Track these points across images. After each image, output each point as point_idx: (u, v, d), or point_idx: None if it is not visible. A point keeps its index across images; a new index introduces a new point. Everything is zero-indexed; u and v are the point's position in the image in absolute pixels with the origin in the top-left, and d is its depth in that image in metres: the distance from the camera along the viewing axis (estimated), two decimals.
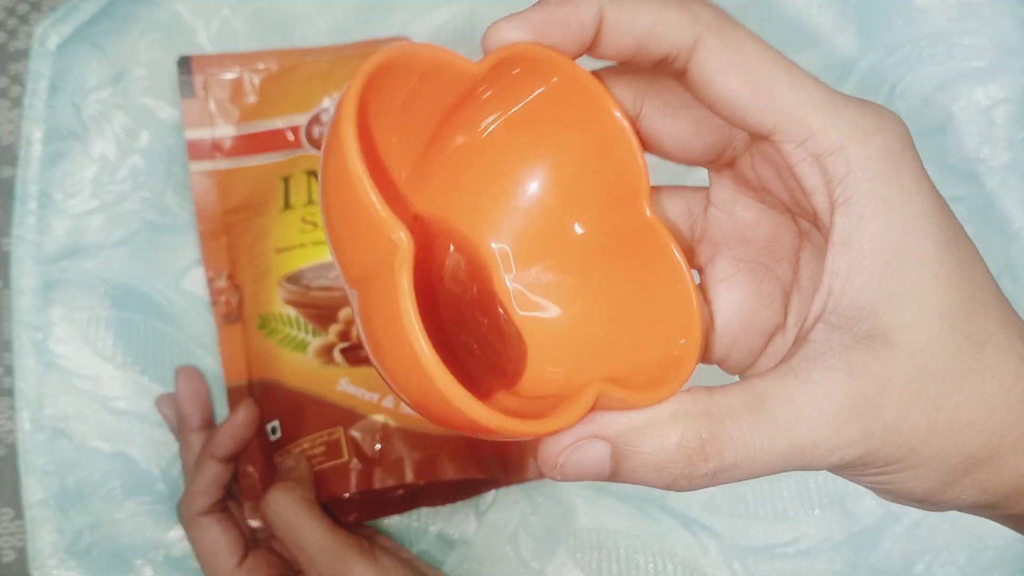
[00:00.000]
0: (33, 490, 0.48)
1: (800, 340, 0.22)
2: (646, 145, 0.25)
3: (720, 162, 0.26)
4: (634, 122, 0.24)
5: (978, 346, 0.21)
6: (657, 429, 0.21)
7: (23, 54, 0.54)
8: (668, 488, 0.21)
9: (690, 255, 0.27)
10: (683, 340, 0.23)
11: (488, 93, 0.24)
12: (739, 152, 0.25)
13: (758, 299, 0.26)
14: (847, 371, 0.21)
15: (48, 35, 0.51)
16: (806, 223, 0.25)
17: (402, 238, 0.20)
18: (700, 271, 0.27)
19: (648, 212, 0.24)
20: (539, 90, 0.24)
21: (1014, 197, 0.49)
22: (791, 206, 0.25)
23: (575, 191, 0.26)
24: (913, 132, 0.22)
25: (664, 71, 0.23)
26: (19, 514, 0.49)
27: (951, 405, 0.21)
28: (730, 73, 0.21)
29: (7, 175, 0.53)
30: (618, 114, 0.24)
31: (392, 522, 0.49)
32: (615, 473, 0.21)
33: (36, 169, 0.50)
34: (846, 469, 0.22)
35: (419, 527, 0.49)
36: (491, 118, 0.25)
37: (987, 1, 0.51)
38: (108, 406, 0.49)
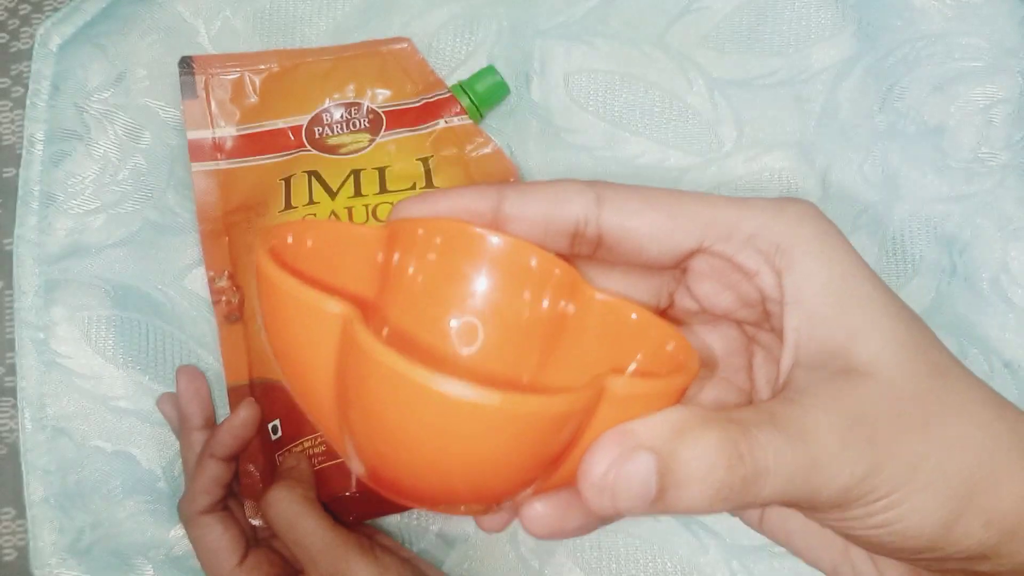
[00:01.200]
0: (34, 489, 0.48)
1: (783, 385, 0.23)
2: (603, 254, 0.26)
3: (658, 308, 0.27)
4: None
5: (942, 373, 0.22)
6: (695, 431, 0.21)
7: (25, 55, 0.54)
8: (711, 506, 0.21)
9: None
10: (670, 345, 0.24)
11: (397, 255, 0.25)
12: (673, 289, 0.27)
13: (733, 346, 0.28)
14: (836, 397, 0.22)
15: (50, 36, 0.51)
16: (751, 328, 0.27)
17: (337, 307, 0.19)
18: None
19: (597, 295, 0.25)
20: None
21: (1012, 197, 0.49)
22: (736, 307, 0.26)
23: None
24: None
25: (581, 248, 0.25)
26: (20, 513, 0.49)
27: (938, 423, 0.22)
28: (641, 212, 0.23)
29: (9, 175, 0.53)
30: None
31: (392, 521, 0.49)
32: (661, 492, 0.20)
33: (38, 169, 0.50)
34: (855, 500, 0.22)
35: (419, 526, 0.49)
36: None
37: (985, 1, 0.51)
38: (109, 405, 0.49)
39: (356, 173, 0.48)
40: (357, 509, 0.46)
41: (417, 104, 0.50)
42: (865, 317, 0.22)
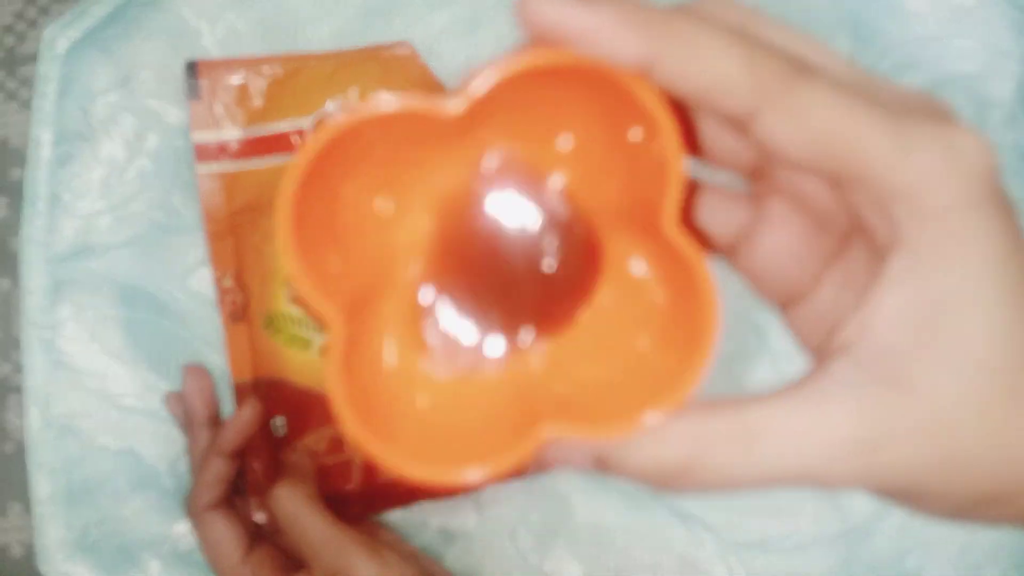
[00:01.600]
0: (41, 486, 0.49)
1: (819, 368, 0.21)
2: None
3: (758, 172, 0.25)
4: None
5: (1016, 399, 0.20)
6: (640, 447, 0.21)
7: (32, 58, 0.55)
8: (652, 491, 0.21)
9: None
10: (683, 371, 0.21)
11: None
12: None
13: (800, 253, 0.25)
14: (857, 412, 0.20)
15: (56, 39, 0.52)
16: None
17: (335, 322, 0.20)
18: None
19: (671, 228, 0.21)
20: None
21: None
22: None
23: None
24: None
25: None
26: (27, 509, 0.50)
27: (965, 454, 0.21)
28: (791, 143, 0.20)
29: (16, 177, 0.54)
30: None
31: (394, 516, 0.49)
32: (601, 470, 0.21)
33: (45, 171, 0.51)
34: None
35: (420, 521, 0.49)
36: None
37: (978, 4, 0.52)
38: (116, 403, 0.49)
39: None
40: (359, 505, 0.47)
41: None
42: (956, 331, 0.20)
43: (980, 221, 0.20)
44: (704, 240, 0.25)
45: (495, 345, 0.24)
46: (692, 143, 0.24)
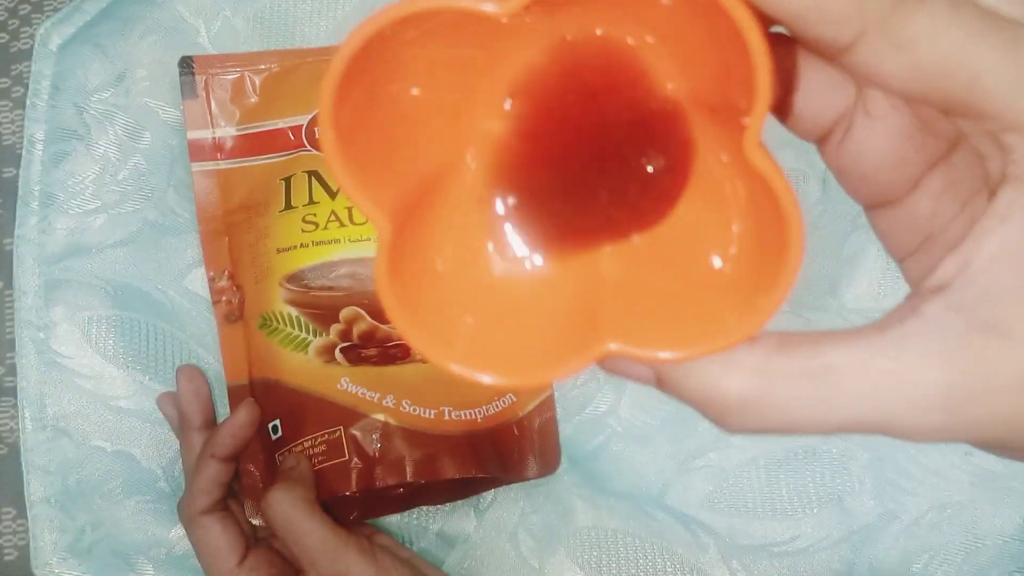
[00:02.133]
0: (35, 489, 0.48)
1: (908, 309, 0.19)
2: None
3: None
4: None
5: None
6: (703, 370, 0.19)
7: (25, 55, 0.54)
8: (712, 423, 0.20)
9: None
10: (760, 299, 0.19)
11: None
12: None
13: (900, 155, 0.22)
14: (948, 362, 0.19)
15: (50, 36, 0.51)
16: None
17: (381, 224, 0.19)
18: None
19: (753, 153, 0.19)
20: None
21: None
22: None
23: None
24: None
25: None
26: (21, 513, 0.49)
27: None
28: (895, 76, 0.18)
29: (9, 175, 0.53)
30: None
31: (392, 520, 0.49)
32: (662, 390, 0.20)
33: (38, 169, 0.50)
34: None
35: (419, 526, 0.49)
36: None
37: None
38: (110, 405, 0.49)
39: None
40: (357, 509, 0.47)
41: None
42: None
43: None
44: (795, 123, 0.23)
45: (564, 246, 0.22)
46: (787, 81, 0.22)
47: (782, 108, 0.22)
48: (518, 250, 0.22)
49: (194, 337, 0.50)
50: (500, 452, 0.47)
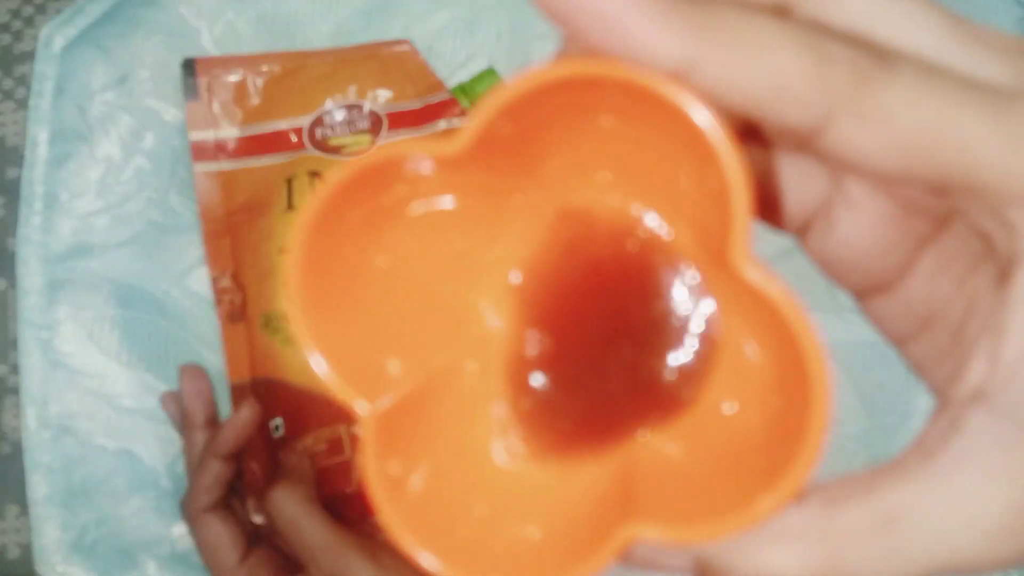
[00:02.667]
0: (38, 487, 0.48)
1: (950, 426, 0.17)
2: None
3: None
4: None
5: None
6: (751, 553, 0.17)
7: (28, 56, 0.54)
8: None
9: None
10: (790, 460, 0.17)
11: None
12: None
13: (885, 241, 0.21)
14: (1012, 477, 0.16)
15: (53, 37, 0.52)
16: None
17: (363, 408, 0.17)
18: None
19: (746, 265, 0.16)
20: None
21: None
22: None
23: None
24: None
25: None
26: (24, 511, 0.50)
27: None
28: (871, 156, 0.16)
29: (13, 176, 0.53)
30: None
31: None
32: None
33: (42, 170, 0.51)
34: None
35: None
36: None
37: (984, 1, 0.52)
38: (113, 404, 0.49)
39: None
40: (358, 507, 0.47)
41: (418, 106, 0.50)
42: None
43: None
44: (779, 220, 0.21)
45: (580, 446, 0.20)
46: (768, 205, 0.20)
47: (769, 211, 0.20)
48: (532, 453, 0.20)
49: (197, 336, 0.50)
50: None
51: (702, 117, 0.15)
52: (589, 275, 0.20)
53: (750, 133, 0.18)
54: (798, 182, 0.20)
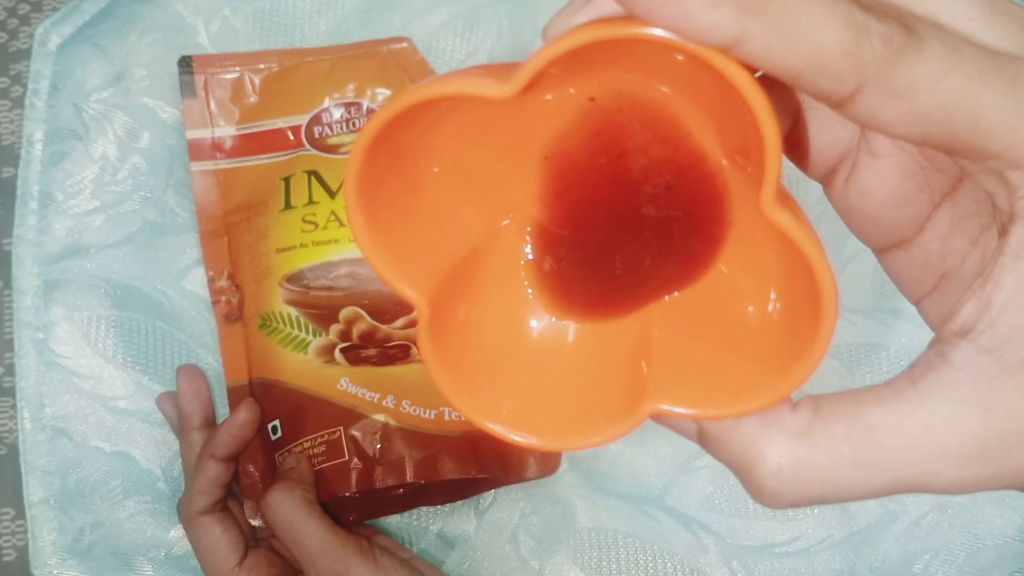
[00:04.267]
0: (34, 489, 0.48)
1: (937, 357, 0.19)
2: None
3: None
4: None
5: None
6: (742, 434, 0.19)
7: (24, 54, 0.54)
8: (748, 493, 0.20)
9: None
10: (795, 364, 0.19)
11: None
12: None
13: (904, 192, 0.23)
14: (986, 408, 0.18)
15: (49, 35, 0.51)
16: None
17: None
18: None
19: (773, 207, 0.19)
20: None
21: None
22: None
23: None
24: None
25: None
26: (20, 513, 0.49)
27: None
28: (894, 124, 0.18)
29: (8, 175, 0.53)
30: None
31: (392, 521, 0.49)
32: (703, 447, 0.21)
33: (37, 169, 0.50)
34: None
35: (419, 526, 0.49)
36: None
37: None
38: (109, 406, 0.49)
39: None
40: (357, 509, 0.46)
41: None
42: None
43: None
44: (805, 162, 0.23)
45: (604, 309, 0.23)
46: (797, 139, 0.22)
47: (796, 151, 0.22)
48: (559, 315, 0.23)
49: (193, 337, 0.50)
50: (500, 452, 0.47)
51: (738, 74, 0.17)
52: (614, 155, 0.22)
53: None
54: (827, 125, 0.22)
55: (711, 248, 0.22)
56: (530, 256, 0.23)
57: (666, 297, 0.22)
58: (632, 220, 0.22)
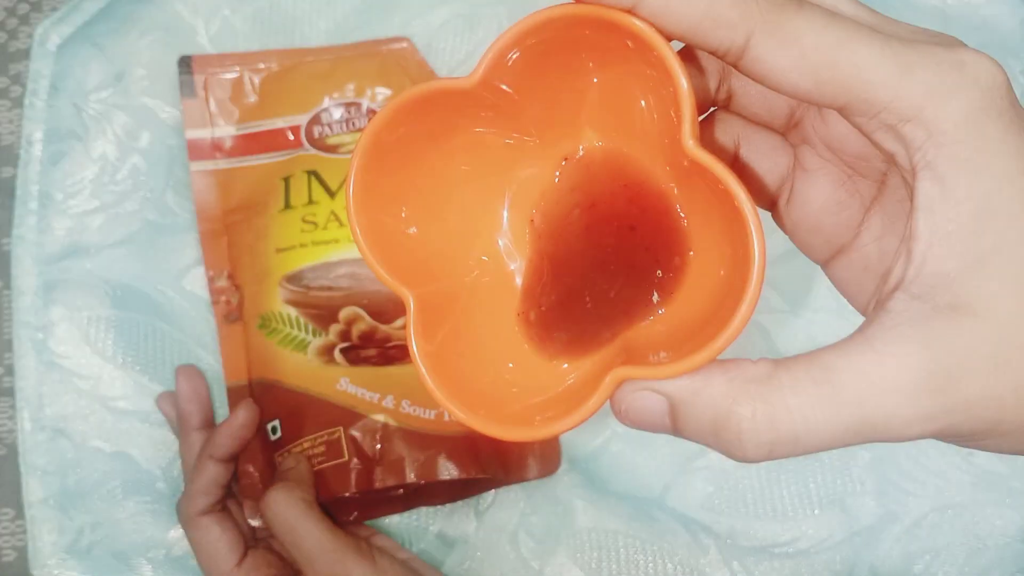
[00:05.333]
0: (33, 490, 0.48)
1: (878, 308, 0.21)
2: (733, 108, 0.25)
3: (791, 123, 0.26)
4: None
5: None
6: (711, 393, 0.21)
7: (24, 54, 0.54)
8: (727, 455, 0.21)
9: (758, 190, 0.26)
10: (736, 302, 0.21)
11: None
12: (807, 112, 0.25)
13: (837, 200, 0.25)
14: (925, 344, 0.20)
15: (48, 35, 0.51)
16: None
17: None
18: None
19: (690, 143, 0.21)
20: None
21: None
22: (846, 164, 0.24)
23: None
24: None
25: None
26: (19, 514, 0.49)
27: None
28: (787, 71, 0.20)
29: (8, 175, 0.53)
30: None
31: (392, 521, 0.49)
32: (676, 430, 0.21)
33: (37, 169, 0.50)
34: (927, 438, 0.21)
35: (419, 527, 0.49)
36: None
37: (986, 1, 0.51)
38: (108, 406, 0.49)
39: None
40: (357, 509, 0.46)
41: None
42: (997, 245, 0.20)
43: (996, 132, 0.20)
44: (758, 190, 0.26)
45: (585, 345, 0.25)
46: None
47: (745, 179, 0.24)
48: (548, 357, 0.25)
49: (193, 337, 0.50)
50: (500, 453, 0.47)
51: (648, 32, 0.21)
52: (586, 209, 0.25)
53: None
54: (765, 156, 0.26)
55: (675, 277, 0.24)
56: (520, 301, 0.26)
57: (641, 323, 0.24)
58: (602, 259, 0.25)
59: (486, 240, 0.26)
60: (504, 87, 0.23)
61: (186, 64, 0.50)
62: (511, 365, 0.25)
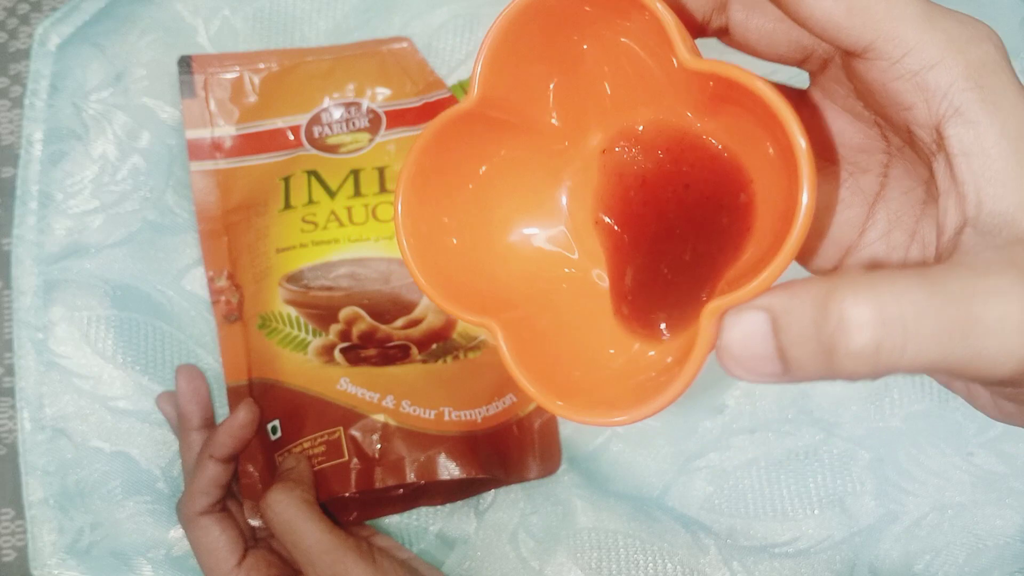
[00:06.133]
0: (33, 490, 0.48)
1: (949, 245, 0.20)
2: (732, 40, 0.25)
3: (809, 64, 0.25)
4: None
5: None
6: (810, 289, 0.19)
7: (24, 54, 0.54)
8: (834, 375, 0.19)
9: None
10: (800, 196, 0.20)
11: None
12: (829, 55, 0.24)
13: (839, 200, 0.25)
14: (1012, 262, 0.19)
15: (48, 35, 0.51)
16: (897, 140, 0.24)
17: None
18: None
19: (687, 57, 0.21)
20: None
21: None
22: (883, 120, 0.24)
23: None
24: None
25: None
26: (19, 514, 0.49)
27: None
28: (825, 9, 0.21)
29: (8, 175, 0.53)
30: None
31: (392, 521, 0.49)
32: (781, 349, 0.19)
33: (37, 169, 0.50)
34: (1013, 385, 0.20)
35: (419, 526, 0.49)
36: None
37: (988, 1, 0.51)
38: (108, 406, 0.49)
39: (356, 173, 0.48)
40: (357, 509, 0.46)
41: (417, 104, 0.50)
42: None
43: (1009, 79, 0.21)
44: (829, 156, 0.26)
45: (682, 317, 0.24)
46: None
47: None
48: (650, 346, 0.25)
49: (193, 337, 0.50)
50: (500, 453, 0.47)
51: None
52: (639, 190, 0.25)
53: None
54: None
55: (746, 212, 0.23)
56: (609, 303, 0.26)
57: (731, 270, 0.23)
58: (668, 229, 0.25)
59: (556, 256, 0.26)
60: (505, 97, 0.24)
61: (186, 64, 0.50)
62: (621, 360, 0.25)
